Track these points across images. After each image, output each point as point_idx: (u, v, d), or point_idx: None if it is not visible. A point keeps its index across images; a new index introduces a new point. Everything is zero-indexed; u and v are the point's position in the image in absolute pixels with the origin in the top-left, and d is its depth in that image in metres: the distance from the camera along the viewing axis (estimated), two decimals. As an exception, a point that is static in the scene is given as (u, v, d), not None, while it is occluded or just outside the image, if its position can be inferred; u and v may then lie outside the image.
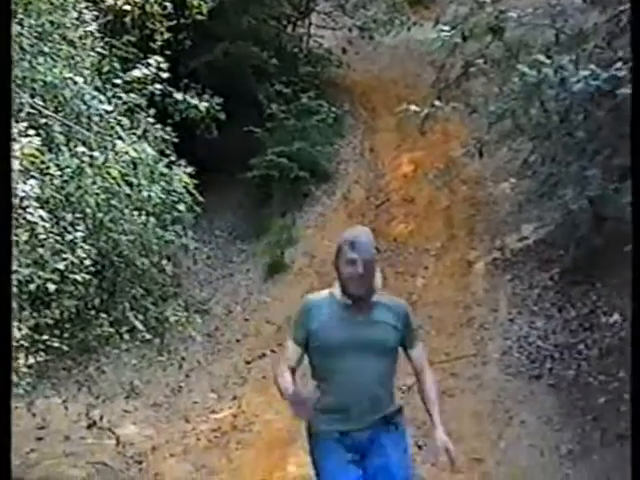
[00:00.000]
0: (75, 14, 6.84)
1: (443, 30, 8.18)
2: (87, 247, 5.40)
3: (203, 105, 7.76)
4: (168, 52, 7.86)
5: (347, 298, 4.17)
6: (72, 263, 5.21)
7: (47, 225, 5.02)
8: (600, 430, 6.57)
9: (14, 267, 4.86)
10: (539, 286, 8.90)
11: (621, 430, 6.54)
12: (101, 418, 7.17)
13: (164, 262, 6.57)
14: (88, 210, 5.62)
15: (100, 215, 5.69)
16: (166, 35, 8.05)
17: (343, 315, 4.15)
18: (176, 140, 7.21)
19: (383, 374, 4.20)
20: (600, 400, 6.92)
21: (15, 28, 5.86)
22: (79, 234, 5.36)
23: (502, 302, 8.88)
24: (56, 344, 5.60)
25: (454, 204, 10.80)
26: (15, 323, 4.94)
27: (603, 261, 8.53)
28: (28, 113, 5.73)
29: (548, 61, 6.02)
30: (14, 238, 4.85)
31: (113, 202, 5.77)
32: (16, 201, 4.83)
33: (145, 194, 6.07)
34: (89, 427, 7.09)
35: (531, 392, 7.49)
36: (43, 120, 5.84)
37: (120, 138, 6.17)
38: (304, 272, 10.81)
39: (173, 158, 6.89)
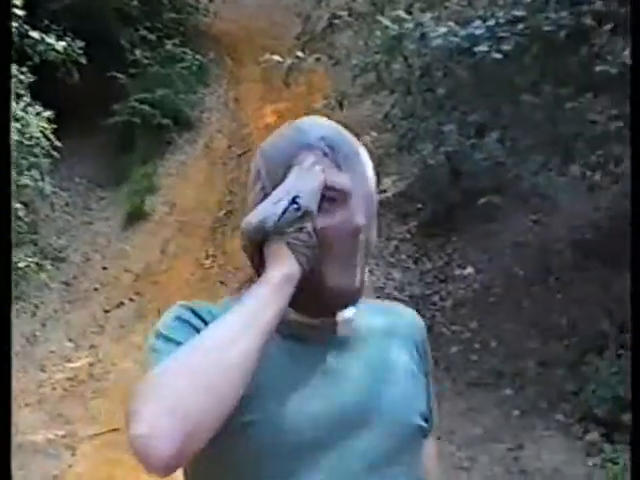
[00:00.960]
0: None
1: (307, -19, 8.17)
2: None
3: (61, 45, 7.55)
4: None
5: (312, 313, 1.67)
6: None
7: None
8: (451, 379, 6.76)
9: None
10: (396, 238, 9.07)
11: (470, 378, 6.77)
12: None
13: (18, 207, 6.40)
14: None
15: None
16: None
17: (301, 357, 1.67)
18: (34, 82, 7.02)
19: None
20: (452, 349, 7.13)
21: None
22: None
23: (360, 254, 9.00)
24: None
25: (316, 156, 10.83)
26: None
27: (459, 215, 8.75)
28: None
29: (409, 17, 6.09)
30: None
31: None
32: None
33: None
34: None
35: (386, 342, 7.64)
36: None
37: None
38: (164, 221, 10.73)
39: (29, 100, 6.70)
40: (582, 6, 5.90)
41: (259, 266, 1.62)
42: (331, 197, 1.63)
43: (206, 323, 1.57)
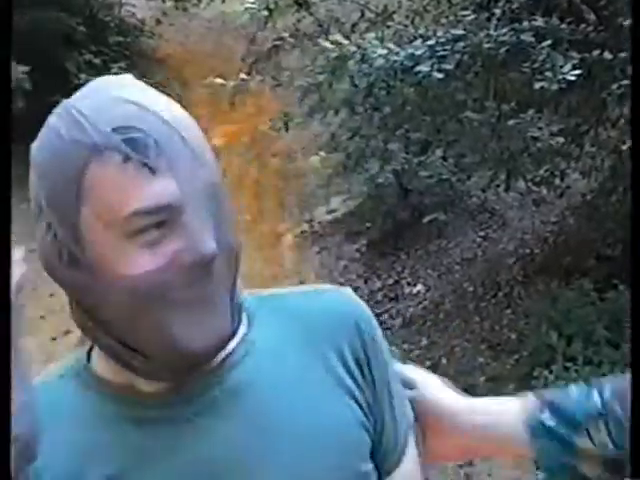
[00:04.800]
0: None
1: (249, 2, 8.21)
2: None
3: (1, 71, 7.48)
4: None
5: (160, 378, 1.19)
6: None
7: None
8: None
9: None
10: (346, 258, 9.07)
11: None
12: None
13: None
14: None
15: None
16: (-36, -1, 7.71)
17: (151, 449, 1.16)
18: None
19: None
20: (402, 368, 7.12)
21: None
22: None
23: (310, 274, 8.99)
24: None
25: (264, 177, 10.84)
26: None
27: (408, 233, 8.77)
28: None
29: (346, 41, 6.13)
30: None
31: None
32: None
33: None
34: None
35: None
36: None
37: None
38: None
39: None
40: (522, 23, 5.96)
41: None
42: (156, 223, 1.06)
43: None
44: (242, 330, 1.23)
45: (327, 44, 6.38)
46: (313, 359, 1.23)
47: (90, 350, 1.25)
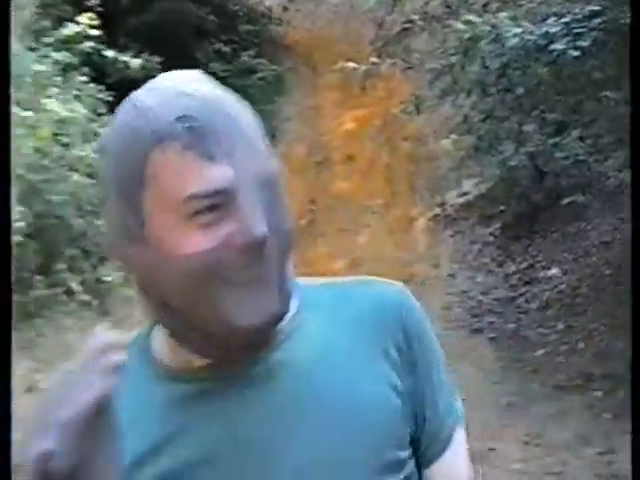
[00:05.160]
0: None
1: (379, -14, 8.17)
2: (21, 209, 5.34)
3: (136, 62, 7.67)
4: (102, 10, 7.74)
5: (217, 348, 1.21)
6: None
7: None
8: (539, 382, 6.65)
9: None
10: (480, 241, 8.97)
11: (558, 381, 6.65)
12: (40, 382, 7.12)
13: (100, 222, 6.51)
14: (20, 171, 5.54)
15: (32, 176, 5.61)
16: (100, -7, 7.94)
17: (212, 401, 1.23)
18: (114, 100, 7.15)
19: None
20: (539, 352, 7.01)
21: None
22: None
23: (443, 258, 8.93)
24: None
25: (395, 161, 10.80)
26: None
27: (542, 216, 8.62)
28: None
29: (479, 20, 6.02)
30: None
31: (45, 162, 5.69)
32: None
33: (78, 154, 6.00)
34: (29, 391, 7.04)
35: (472, 346, 7.56)
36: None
37: (51, 98, 6.08)
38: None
39: (109, 117, 6.82)
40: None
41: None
42: (211, 205, 1.13)
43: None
44: (293, 311, 1.26)
45: (459, 25, 6.30)
46: (358, 345, 1.26)
47: (152, 328, 1.32)
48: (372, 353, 1.26)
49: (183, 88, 1.17)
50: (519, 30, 5.85)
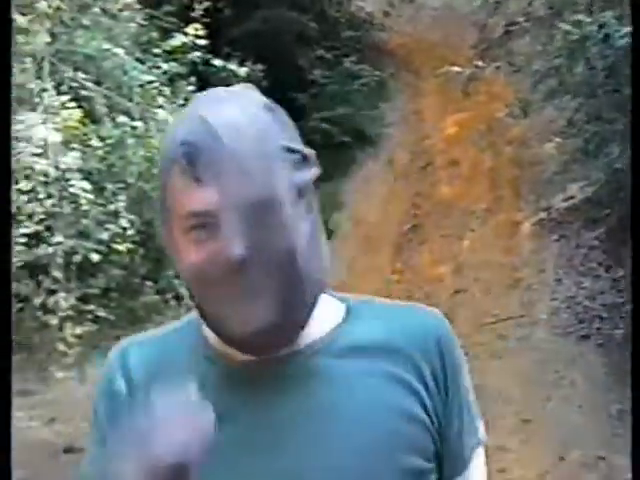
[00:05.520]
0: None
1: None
2: (131, 217, 5.46)
3: (243, 71, 7.78)
4: (207, 21, 7.86)
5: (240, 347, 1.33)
6: (116, 233, 5.27)
7: (90, 196, 5.08)
8: (649, 390, 6.51)
9: (59, 238, 4.93)
10: (586, 246, 8.83)
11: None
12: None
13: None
14: (130, 180, 5.67)
15: (142, 184, 5.74)
16: (205, 4, 8.05)
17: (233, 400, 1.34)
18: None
19: None
20: (649, 359, 6.87)
21: (55, 2, 5.90)
22: (121, 204, 5.42)
23: (549, 262, 8.82)
24: (103, 313, 5.66)
25: (499, 165, 10.71)
26: (62, 294, 5.02)
27: (651, 219, 8.44)
28: (70, 86, 5.79)
29: (589, 19, 5.93)
30: (58, 210, 4.91)
31: (154, 171, 5.81)
32: (59, 173, 4.89)
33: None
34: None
35: (580, 352, 7.45)
36: (84, 92, 5.89)
37: (161, 107, 6.21)
38: (349, 237, 10.80)
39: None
40: None
41: None
42: (198, 224, 1.25)
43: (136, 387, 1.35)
44: (337, 321, 1.39)
45: (566, 25, 6.22)
46: (394, 362, 1.36)
47: None
48: (405, 371, 1.36)
49: (200, 110, 1.29)
50: (627, 29, 5.74)
